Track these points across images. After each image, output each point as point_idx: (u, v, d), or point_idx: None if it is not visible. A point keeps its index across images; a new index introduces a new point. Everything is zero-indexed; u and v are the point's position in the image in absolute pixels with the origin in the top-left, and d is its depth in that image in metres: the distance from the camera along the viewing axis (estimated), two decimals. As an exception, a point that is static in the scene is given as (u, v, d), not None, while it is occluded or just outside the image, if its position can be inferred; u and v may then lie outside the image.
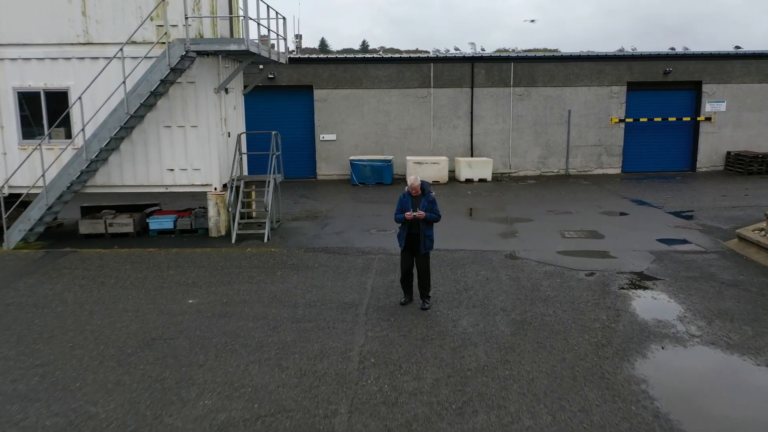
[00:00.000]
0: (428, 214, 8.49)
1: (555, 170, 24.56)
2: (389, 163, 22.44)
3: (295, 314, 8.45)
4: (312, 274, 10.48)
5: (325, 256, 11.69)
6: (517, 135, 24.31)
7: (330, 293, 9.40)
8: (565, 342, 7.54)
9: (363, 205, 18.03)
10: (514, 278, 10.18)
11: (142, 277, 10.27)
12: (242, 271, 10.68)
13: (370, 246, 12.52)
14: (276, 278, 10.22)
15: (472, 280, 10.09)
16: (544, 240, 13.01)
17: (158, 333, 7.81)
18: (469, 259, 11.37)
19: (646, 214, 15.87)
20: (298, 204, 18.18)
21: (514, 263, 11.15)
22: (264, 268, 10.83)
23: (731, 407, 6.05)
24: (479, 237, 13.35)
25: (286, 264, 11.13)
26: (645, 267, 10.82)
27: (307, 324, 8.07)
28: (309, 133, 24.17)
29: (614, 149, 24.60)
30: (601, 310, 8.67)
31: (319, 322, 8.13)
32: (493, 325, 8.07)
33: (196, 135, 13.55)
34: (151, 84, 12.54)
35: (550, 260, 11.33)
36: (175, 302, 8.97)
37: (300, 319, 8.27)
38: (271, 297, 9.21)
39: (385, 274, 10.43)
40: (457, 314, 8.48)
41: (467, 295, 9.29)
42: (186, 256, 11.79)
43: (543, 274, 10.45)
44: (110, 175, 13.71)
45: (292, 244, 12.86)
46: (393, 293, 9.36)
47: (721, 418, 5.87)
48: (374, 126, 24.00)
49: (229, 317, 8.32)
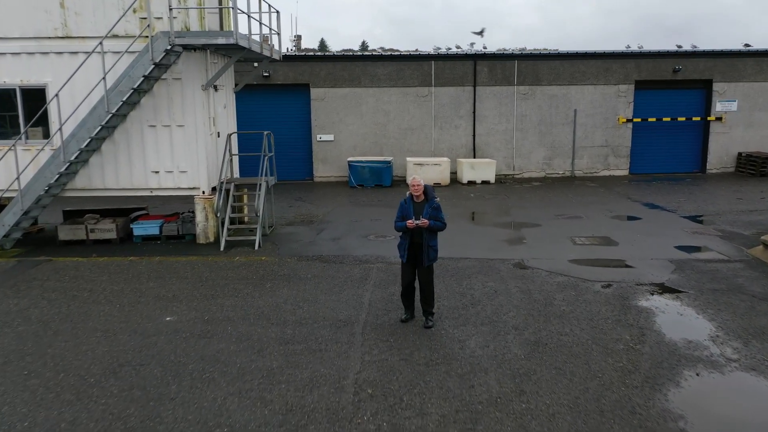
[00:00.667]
0: (432, 223, 7.64)
1: (560, 172, 23.72)
2: (389, 164, 21.59)
3: (284, 334, 7.58)
4: (304, 286, 9.62)
5: (320, 266, 10.84)
6: (521, 135, 23.47)
7: (323, 309, 8.54)
8: (586, 367, 6.69)
9: (361, 208, 17.18)
10: (524, 290, 9.33)
11: (118, 290, 9.38)
12: (228, 282, 9.81)
13: (367, 254, 11.67)
14: (265, 291, 9.35)
15: (480, 292, 9.24)
16: (554, 247, 12.16)
17: (128, 357, 6.92)
18: (474, 269, 10.53)
19: (660, 218, 15.02)
20: (293, 208, 17.33)
21: (523, 273, 10.30)
22: (252, 280, 9.96)
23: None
24: (485, 244, 12.50)
25: (276, 275, 10.26)
26: (666, 278, 9.97)
27: (296, 346, 7.19)
28: (305, 134, 23.31)
29: (621, 150, 23.75)
30: (623, 328, 7.82)
31: (309, 344, 7.26)
32: (504, 347, 7.22)
33: (183, 135, 12.70)
34: (133, 80, 11.69)
35: (562, 270, 10.48)
36: (151, 320, 8.09)
37: (289, 340, 7.39)
38: (258, 313, 8.34)
39: (383, 286, 9.58)
40: (464, 333, 7.63)
41: (474, 311, 8.44)
42: (169, 265, 10.91)
43: (556, 285, 9.61)
44: (91, 177, 12.85)
45: (284, 251, 12.00)
46: (393, 308, 8.51)
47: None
48: (373, 126, 23.15)
49: (210, 338, 7.44)
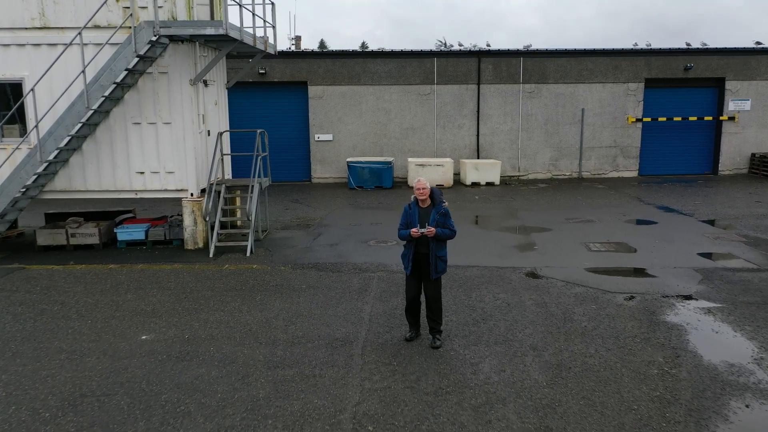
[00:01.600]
0: (439, 231, 6.80)
1: (567, 173, 22.87)
2: (389, 165, 20.74)
3: (273, 356, 6.72)
4: (298, 298, 8.77)
5: (316, 275, 9.98)
6: (527, 135, 22.62)
7: (318, 325, 7.68)
8: (618, 397, 5.84)
9: (361, 211, 16.34)
10: (540, 303, 8.48)
11: (92, 303, 8.51)
12: (215, 294, 8.95)
13: (368, 261, 10.82)
14: (254, 304, 8.48)
15: (491, 306, 8.39)
16: (567, 254, 11.32)
17: (92, 385, 6.05)
18: (484, 279, 9.68)
19: (677, 222, 14.17)
20: (289, 210, 16.48)
21: (537, 284, 9.45)
22: (241, 291, 9.10)
23: None
24: (493, 250, 11.65)
25: (268, 285, 9.40)
26: (693, 289, 9.13)
27: (286, 371, 6.33)
28: (303, 133, 22.47)
29: (631, 151, 22.92)
30: (653, 348, 6.97)
31: (302, 368, 6.39)
32: (523, 371, 6.37)
33: (170, 133, 11.85)
34: (115, 74, 10.85)
35: (578, 279, 9.64)
36: (125, 339, 7.22)
37: (278, 363, 6.53)
38: (246, 331, 7.47)
39: (385, 299, 8.73)
40: (477, 354, 6.78)
41: (486, 327, 7.59)
42: (152, 274, 10.04)
43: (573, 297, 8.76)
44: (71, 178, 12.00)
45: (278, 258, 11.15)
46: (396, 324, 7.66)
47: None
48: (373, 125, 22.31)
49: (189, 360, 6.58)
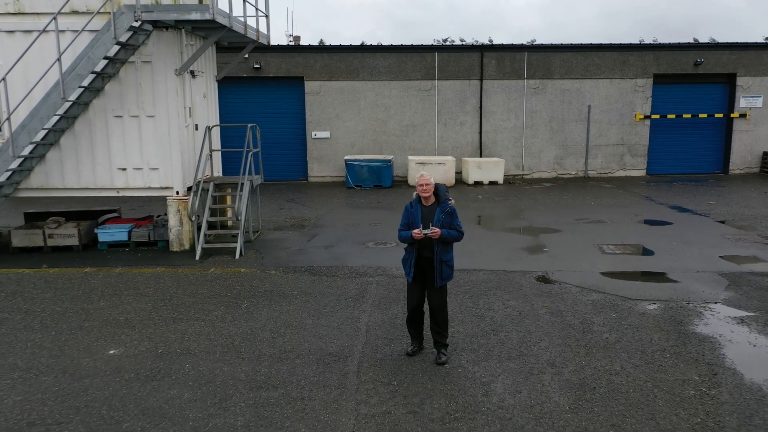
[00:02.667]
0: (445, 232, 6.01)
1: (573, 172, 22.09)
2: (389, 163, 19.95)
3: (257, 374, 5.91)
4: (288, 306, 7.97)
5: (309, 279, 9.19)
6: (531, 133, 21.84)
7: (310, 337, 6.88)
8: (654, 425, 5.05)
9: (359, 211, 15.55)
10: (554, 312, 7.70)
11: (59, 312, 7.71)
12: (197, 301, 8.15)
13: (365, 264, 10.03)
14: (239, 313, 7.68)
15: (501, 315, 7.60)
16: (580, 256, 10.53)
17: (44, 411, 5.25)
18: (491, 284, 8.89)
19: (694, 223, 13.39)
20: (284, 210, 15.69)
21: (550, 289, 8.67)
22: (226, 298, 8.30)
23: None
24: (500, 252, 10.87)
25: (256, 291, 8.60)
26: (721, 296, 8.34)
27: (271, 393, 5.53)
28: (299, 130, 21.67)
29: (638, 149, 22.13)
30: (687, 364, 6.18)
31: (289, 389, 5.59)
32: (541, 392, 5.58)
33: (154, 127, 11.06)
34: (93, 62, 10.05)
35: (594, 285, 8.85)
36: (91, 353, 6.42)
37: (262, 383, 5.73)
38: (227, 344, 6.67)
39: (384, 306, 7.94)
40: (488, 372, 5.99)
41: (497, 339, 6.80)
42: (130, 278, 9.24)
43: (591, 305, 7.98)
44: (49, 175, 11.21)
45: (268, 261, 10.35)
46: (396, 336, 6.87)
47: None
48: (372, 122, 21.51)
49: (160, 380, 5.77)
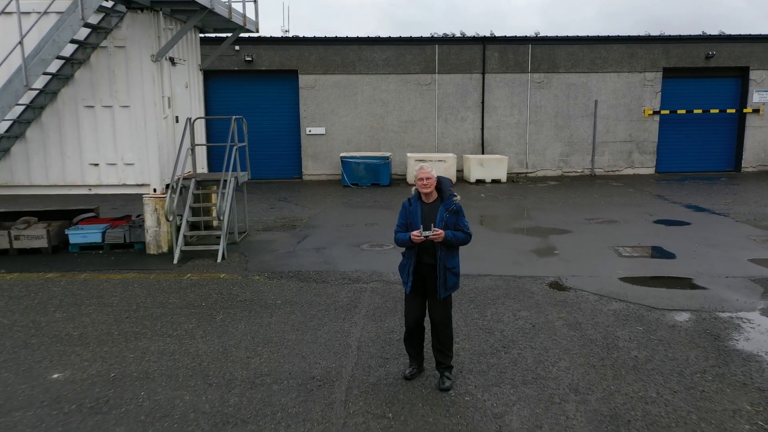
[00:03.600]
0: (449, 234, 5.07)
1: (579, 170, 21.17)
2: (387, 160, 19.01)
3: (224, 405, 4.96)
4: (270, 318, 7.02)
5: (295, 287, 8.25)
6: (536, 129, 20.91)
7: (291, 356, 5.94)
8: (707, 471, 4.12)
9: (354, 210, 14.61)
10: (572, 324, 6.76)
11: (6, 326, 6.73)
12: (166, 312, 7.19)
13: (359, 269, 9.10)
14: (213, 327, 6.73)
15: (512, 328, 6.67)
16: (594, 260, 9.60)
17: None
18: (499, 291, 7.96)
19: (713, 223, 12.46)
20: (275, 209, 14.75)
21: (564, 297, 7.73)
22: (200, 308, 7.34)
23: None
24: (507, 255, 9.93)
25: (235, 300, 7.65)
26: (758, 305, 7.41)
27: (239, 430, 4.58)
28: (293, 126, 20.74)
29: (647, 146, 21.22)
30: (734, 390, 5.24)
31: (261, 425, 4.63)
32: (566, 427, 4.64)
33: (128, 118, 10.13)
34: (59, 45, 9.10)
35: (614, 292, 7.92)
36: (30, 378, 5.45)
37: (230, 416, 4.77)
38: (194, 366, 5.71)
39: (379, 318, 7.00)
40: (500, 400, 5.05)
41: (509, 359, 5.87)
42: (95, 285, 8.27)
43: (613, 316, 7.04)
44: (13, 171, 10.28)
45: (253, 266, 9.41)
46: (392, 355, 5.94)
47: None
48: (369, 118, 20.58)
49: (106, 413, 4.80)
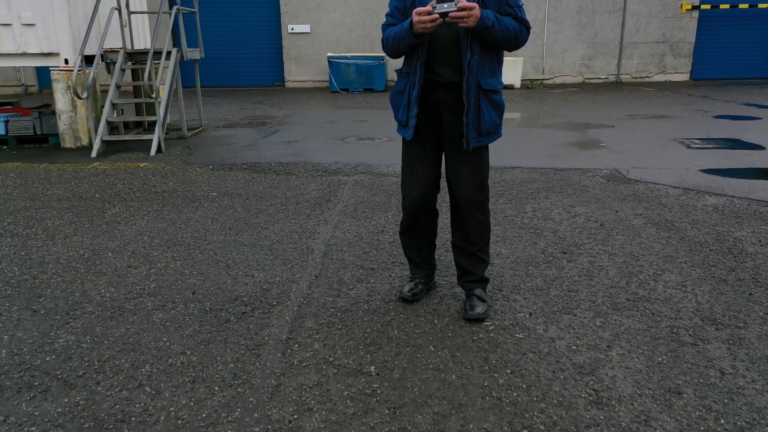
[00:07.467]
0: (489, 15, 2.52)
1: (603, 76, 18.37)
2: (382, 61, 16.18)
3: (41, 351, 2.59)
4: (192, 213, 4.59)
5: (245, 178, 5.79)
6: (555, 27, 17.96)
7: (206, 266, 3.53)
8: None
9: (341, 111, 12.02)
10: (660, 223, 4.36)
11: None
12: (33, 206, 4.73)
13: (340, 161, 6.63)
14: (95, 224, 4.28)
15: (568, 227, 4.26)
16: (657, 152, 7.13)
17: None
18: (538, 184, 5.52)
19: (790, 118, 9.94)
20: (245, 110, 12.15)
21: (634, 191, 5.30)
22: (88, 201, 4.89)
23: None
24: (541, 148, 7.47)
25: (148, 192, 5.19)
26: None
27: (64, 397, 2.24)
28: (273, 24, 17.76)
29: (682, 48, 18.33)
30: None
31: (100, 395, 2.29)
32: (729, 392, 2.27)
33: (23, -41, 7.39)
34: None
35: (703, 185, 5.49)
36: None
37: (44, 377, 2.42)
38: (23, 279, 3.33)
39: (363, 215, 4.58)
40: (581, 340, 2.68)
41: (577, 270, 3.47)
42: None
43: (716, 213, 4.63)
44: None
45: (197, 159, 6.92)
46: (379, 264, 3.54)
47: None
48: (362, 13, 17.58)
49: None
